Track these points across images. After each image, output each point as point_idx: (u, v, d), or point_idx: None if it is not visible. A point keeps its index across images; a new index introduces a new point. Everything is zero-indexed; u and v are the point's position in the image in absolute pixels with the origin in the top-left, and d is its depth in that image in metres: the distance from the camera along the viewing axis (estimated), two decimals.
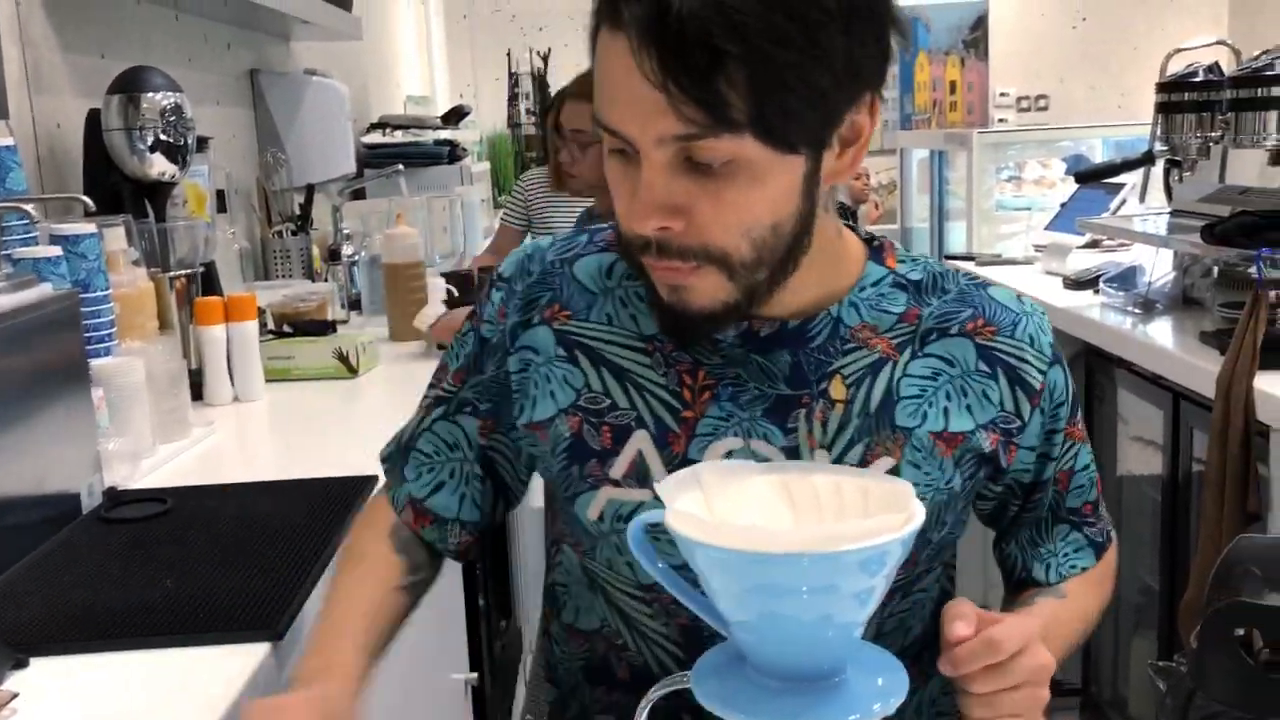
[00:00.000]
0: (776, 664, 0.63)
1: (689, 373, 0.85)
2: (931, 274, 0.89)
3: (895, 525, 0.60)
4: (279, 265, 2.88)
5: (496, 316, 0.93)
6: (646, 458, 0.84)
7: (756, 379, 0.84)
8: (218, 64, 2.74)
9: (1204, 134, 2.19)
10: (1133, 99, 5.74)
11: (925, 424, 0.84)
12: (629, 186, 0.77)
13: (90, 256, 1.55)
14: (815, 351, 0.85)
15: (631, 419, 0.85)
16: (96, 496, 1.36)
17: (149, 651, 0.99)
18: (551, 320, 0.90)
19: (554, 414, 0.88)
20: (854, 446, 0.83)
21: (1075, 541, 0.98)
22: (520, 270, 0.93)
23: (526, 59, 5.17)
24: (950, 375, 0.86)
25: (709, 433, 0.84)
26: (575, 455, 0.87)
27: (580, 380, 0.87)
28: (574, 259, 0.92)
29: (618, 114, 0.75)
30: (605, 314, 0.89)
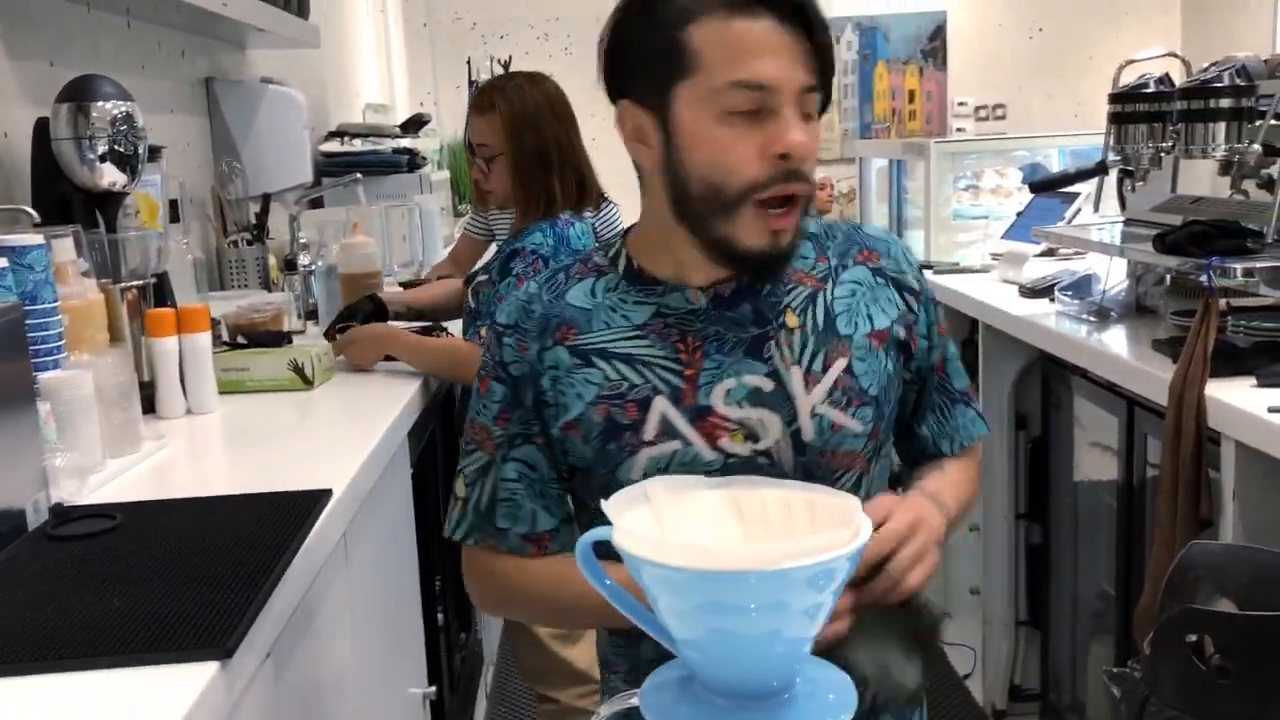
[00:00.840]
0: (725, 682, 0.62)
1: (680, 341, 1.09)
2: (821, 226, 1.18)
3: (842, 541, 0.60)
4: (235, 275, 2.85)
5: (519, 355, 1.12)
6: (669, 416, 1.07)
7: (731, 329, 1.09)
8: (172, 71, 2.71)
9: (1155, 144, 2.22)
10: (1088, 108, 5.81)
11: (859, 329, 1.13)
12: (757, 138, 1.01)
13: (38, 268, 1.52)
14: (767, 297, 1.11)
15: (649, 390, 1.08)
16: (43, 513, 1.33)
17: (95, 672, 0.97)
18: (563, 340, 1.11)
19: (583, 409, 1.09)
20: (816, 357, 1.10)
21: (970, 415, 1.24)
22: (524, 314, 1.13)
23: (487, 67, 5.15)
24: (860, 292, 1.15)
25: (710, 380, 1.08)
26: (610, 434, 1.08)
27: (599, 376, 1.09)
28: (563, 293, 1.14)
29: (767, 69, 1.00)
30: (603, 321, 1.11)
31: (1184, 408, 1.84)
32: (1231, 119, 2.01)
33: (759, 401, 1.07)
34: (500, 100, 2.24)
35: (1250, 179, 2.07)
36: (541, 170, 2.21)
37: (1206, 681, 1.42)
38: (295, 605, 1.23)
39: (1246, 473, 1.78)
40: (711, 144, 1.02)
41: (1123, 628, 2.35)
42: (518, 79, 2.32)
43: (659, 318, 1.10)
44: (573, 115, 2.29)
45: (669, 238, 1.09)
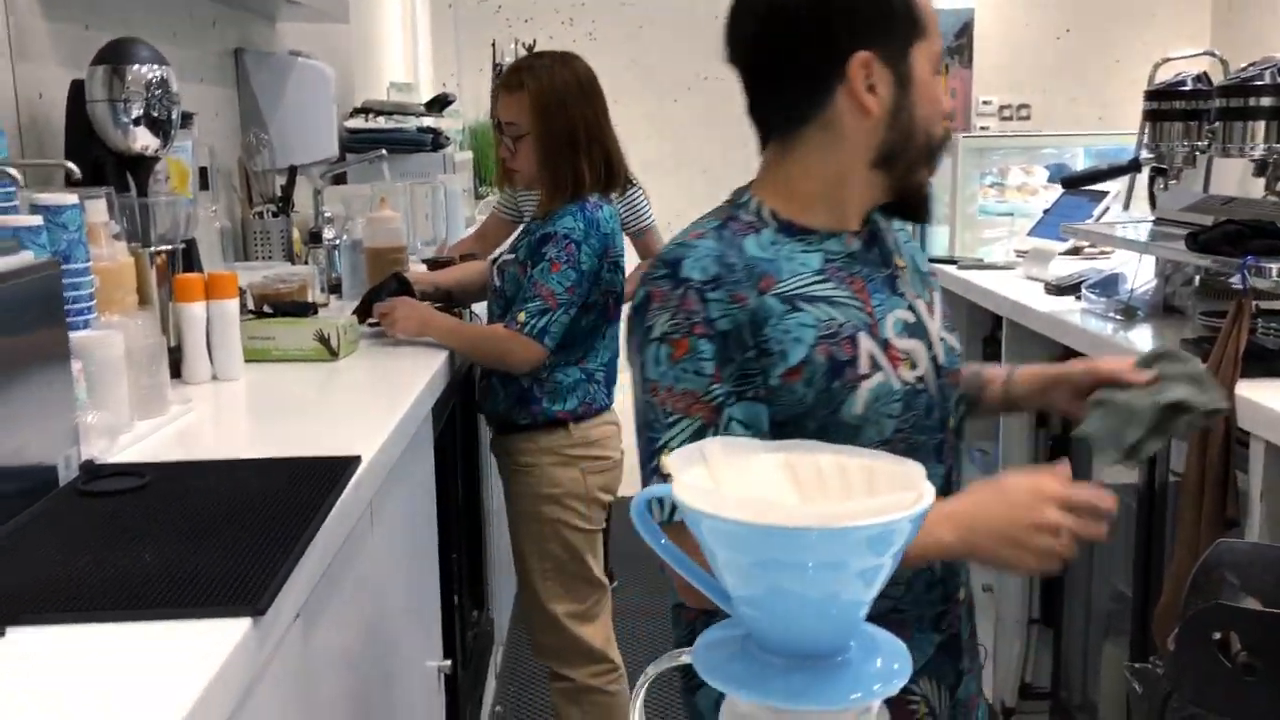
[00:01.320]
0: (780, 641, 0.62)
1: (852, 281, 1.17)
2: None
3: (905, 504, 0.59)
4: (259, 246, 2.85)
5: (733, 306, 1.11)
6: (872, 349, 1.14)
7: (875, 270, 1.20)
8: (202, 41, 2.71)
9: (1190, 142, 2.21)
10: (1113, 111, 5.77)
11: (925, 265, 1.28)
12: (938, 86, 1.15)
13: (71, 227, 1.52)
14: (881, 241, 1.22)
15: (852, 328, 1.14)
16: (74, 470, 1.33)
17: (128, 624, 0.97)
18: (767, 290, 1.13)
19: (806, 353, 1.12)
20: (924, 289, 1.24)
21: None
22: (724, 267, 1.13)
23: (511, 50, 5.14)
24: (905, 235, 1.29)
25: (881, 315, 1.17)
26: (833, 373, 1.12)
27: (810, 319, 1.13)
28: (740, 246, 1.16)
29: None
30: (789, 270, 1.15)
31: None
32: (1271, 118, 2.00)
33: (912, 332, 1.18)
34: (529, 79, 2.23)
35: None
36: (569, 151, 2.19)
37: (1231, 678, 1.42)
38: (324, 569, 1.23)
39: (1275, 474, 1.77)
40: (934, 98, 1.15)
41: (1138, 628, 2.34)
42: (547, 58, 2.31)
43: (829, 262, 1.17)
44: (602, 96, 2.28)
45: (839, 188, 1.17)
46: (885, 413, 1.14)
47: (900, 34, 1.13)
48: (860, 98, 1.13)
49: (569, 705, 2.36)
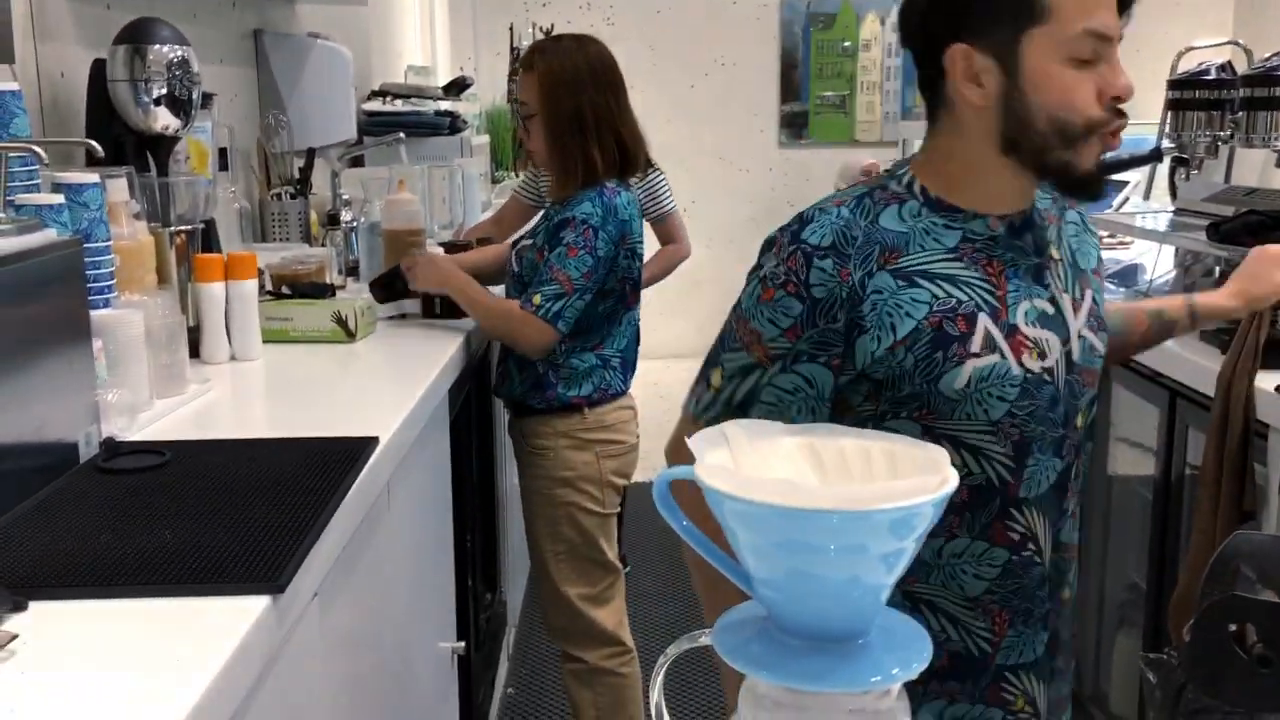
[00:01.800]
0: (801, 623, 0.62)
1: (987, 264, 1.17)
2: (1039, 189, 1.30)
3: (930, 487, 0.59)
4: (277, 228, 2.85)
5: (838, 278, 1.14)
6: (991, 331, 1.15)
7: (1022, 256, 1.19)
8: (222, 22, 2.71)
9: (1213, 132, 2.19)
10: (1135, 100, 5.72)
11: (1089, 264, 1.29)
12: (1093, 82, 1.12)
13: (93, 206, 1.53)
14: (1040, 231, 1.21)
15: (973, 307, 1.15)
16: (94, 446, 1.34)
17: (148, 600, 0.98)
18: (886, 265, 1.15)
19: (914, 325, 1.14)
20: (1074, 286, 1.23)
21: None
22: (843, 238, 1.16)
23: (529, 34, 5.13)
24: (1079, 232, 1.30)
25: (1014, 301, 1.17)
26: (938, 344, 1.14)
27: (927, 295, 1.15)
28: (876, 218, 1.18)
29: (1108, 18, 1.11)
30: (920, 245, 1.17)
31: (1232, 399, 1.82)
32: None
33: (1046, 323, 1.18)
34: (540, 60, 2.23)
35: None
36: (577, 135, 2.18)
37: (1247, 670, 1.41)
38: (341, 548, 1.24)
39: None
40: (1061, 85, 1.12)
41: (1152, 619, 2.33)
42: (564, 40, 2.30)
43: (967, 242, 1.18)
44: (618, 81, 2.26)
45: (978, 172, 1.18)
46: (996, 394, 1.16)
47: (1008, 23, 1.13)
48: (962, 89, 1.14)
49: (580, 686, 2.38)
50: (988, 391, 1.16)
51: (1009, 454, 1.19)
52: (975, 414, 1.18)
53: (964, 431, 1.19)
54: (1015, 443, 1.19)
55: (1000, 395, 1.17)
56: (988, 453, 1.19)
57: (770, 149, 6.02)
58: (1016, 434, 1.18)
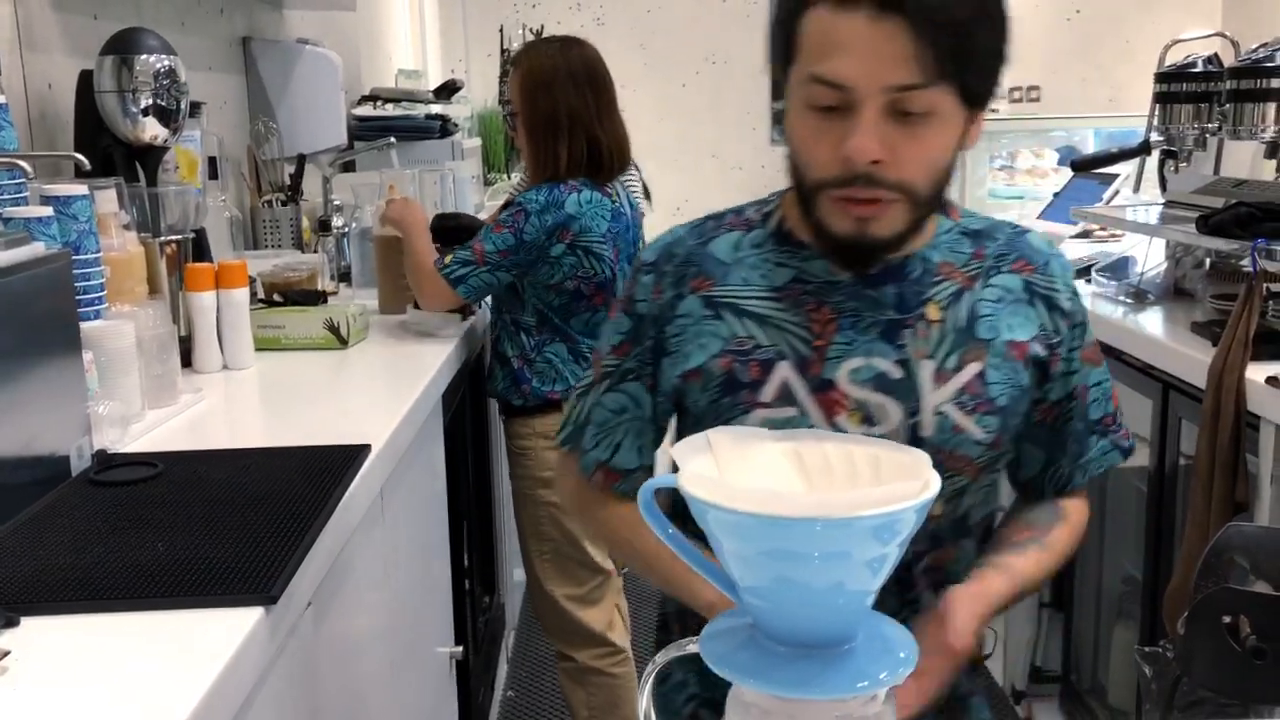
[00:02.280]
0: (786, 630, 0.62)
1: (814, 311, 1.07)
2: (986, 224, 1.15)
3: (911, 493, 0.59)
4: (268, 235, 2.85)
5: (652, 294, 1.12)
6: (790, 382, 1.06)
7: (870, 309, 1.07)
8: (210, 29, 2.71)
9: (1201, 125, 2.19)
10: (1123, 93, 5.74)
11: (1000, 336, 1.09)
12: (833, 136, 0.97)
13: (81, 218, 1.53)
14: (913, 284, 1.08)
15: (774, 353, 1.06)
16: (86, 459, 1.34)
17: (141, 613, 0.98)
18: (698, 290, 1.10)
19: (705, 360, 1.08)
20: (951, 355, 1.07)
21: (1103, 447, 1.19)
22: (666, 255, 1.13)
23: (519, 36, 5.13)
24: (1008, 300, 1.10)
25: (838, 356, 1.05)
26: (728, 388, 1.07)
27: (727, 331, 1.08)
28: (708, 242, 1.13)
29: (846, 69, 0.95)
30: (740, 277, 1.10)
31: (1223, 391, 1.83)
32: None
33: (883, 387, 1.05)
34: (523, 59, 2.29)
35: None
36: (550, 134, 2.22)
37: (1241, 662, 1.42)
38: (335, 557, 1.24)
39: None
40: (796, 133, 1.03)
41: (1148, 612, 2.34)
42: (550, 42, 2.33)
43: (798, 283, 1.09)
44: (601, 83, 2.26)
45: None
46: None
47: (782, 51, 1.03)
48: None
49: (574, 685, 2.39)
50: None
51: None
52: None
53: None
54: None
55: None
56: None
57: (762, 147, 6.01)
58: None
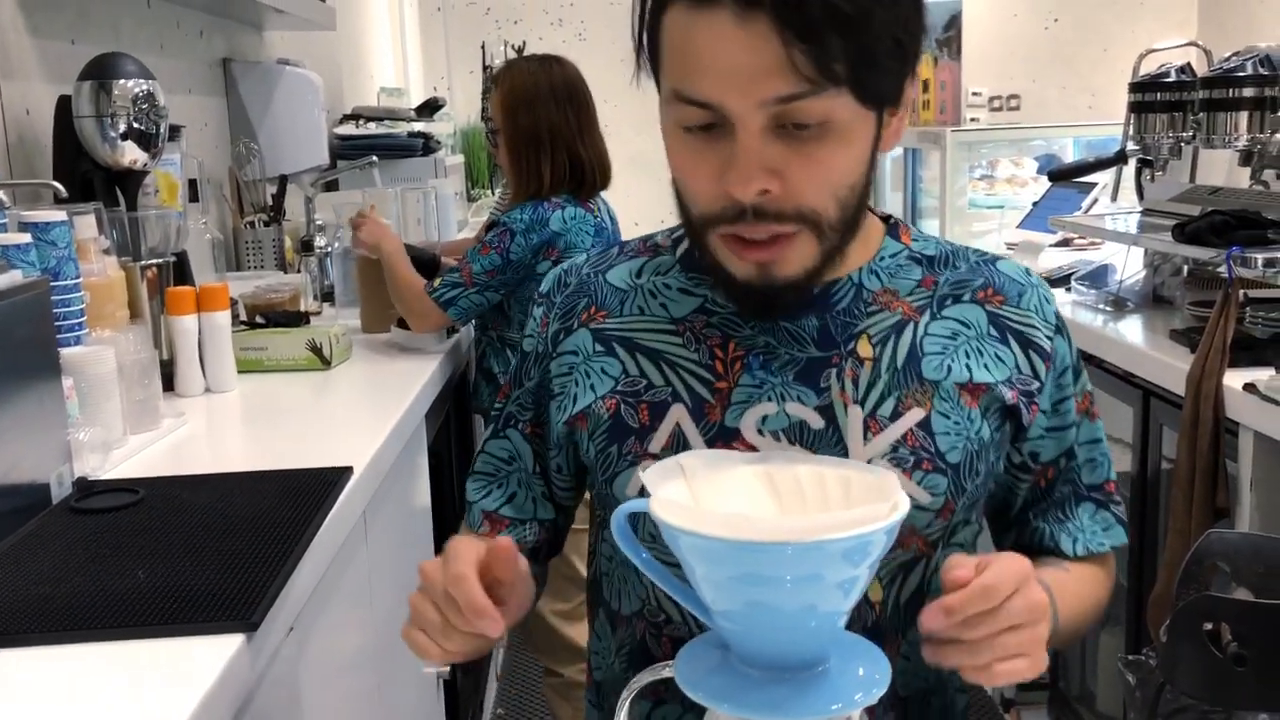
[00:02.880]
0: (760, 653, 0.63)
1: (720, 346, 0.91)
2: (944, 251, 0.96)
3: (880, 515, 0.60)
4: (251, 256, 2.85)
5: (539, 329, 1.00)
6: (684, 430, 0.90)
7: (787, 345, 0.90)
8: (190, 52, 2.71)
9: (1176, 134, 2.22)
10: (1102, 99, 5.78)
11: (950, 376, 0.90)
12: (712, 162, 0.81)
13: (60, 244, 1.53)
14: (841, 314, 0.91)
15: (667, 395, 0.91)
16: (66, 486, 1.34)
17: (121, 643, 0.98)
18: (589, 322, 0.96)
19: (592, 402, 0.94)
20: (885, 400, 0.89)
21: (1104, 520, 0.99)
22: (558, 284, 1.01)
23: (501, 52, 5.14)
24: (967, 336, 0.92)
25: (744, 400, 0.89)
26: (614, 435, 0.92)
27: (617, 369, 0.93)
28: (607, 269, 1.00)
29: (712, 84, 0.78)
30: (637, 306, 0.95)
31: (1202, 398, 1.84)
32: (1254, 108, 2.01)
33: (800, 438, 0.87)
34: (505, 77, 2.31)
35: (1271, 169, 2.07)
36: (532, 151, 2.24)
37: (1223, 669, 1.43)
38: (317, 581, 1.24)
39: (1264, 463, 1.78)
40: (672, 159, 0.86)
41: (1134, 618, 2.35)
42: (532, 59, 2.35)
43: (701, 314, 0.93)
44: (582, 100, 2.29)
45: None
46: None
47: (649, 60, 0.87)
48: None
49: (561, 701, 2.39)
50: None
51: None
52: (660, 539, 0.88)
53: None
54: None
55: None
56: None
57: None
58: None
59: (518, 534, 1.04)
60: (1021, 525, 1.00)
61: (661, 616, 0.94)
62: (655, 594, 0.94)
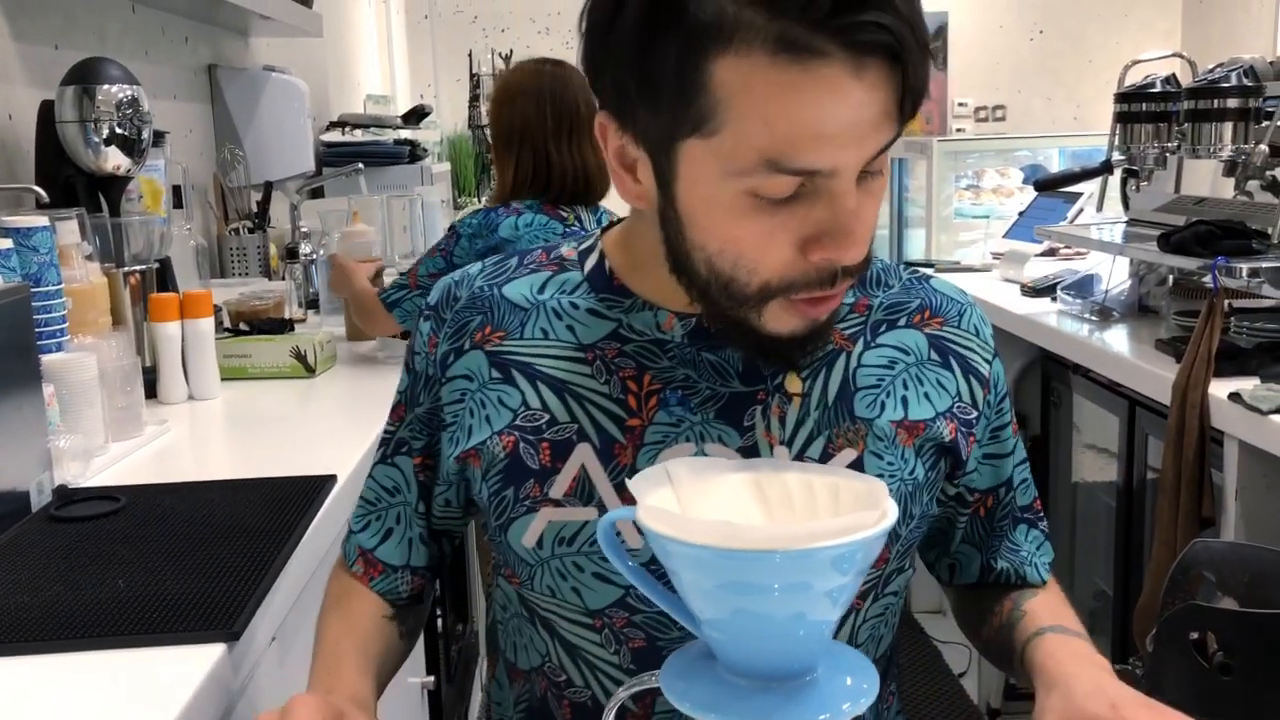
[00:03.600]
0: (747, 663, 0.62)
1: (634, 379, 0.81)
2: (874, 269, 0.88)
3: (869, 523, 0.59)
4: (235, 263, 2.84)
5: (427, 347, 0.89)
6: (590, 473, 0.81)
7: (708, 378, 0.81)
8: (175, 57, 2.70)
9: (1161, 144, 2.23)
10: (1088, 110, 5.82)
11: (885, 413, 0.83)
12: (794, 230, 0.71)
13: (42, 250, 1.51)
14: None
15: (573, 432, 0.81)
16: (46, 494, 1.33)
17: (101, 652, 0.97)
18: (484, 344, 0.86)
19: (486, 437, 0.84)
20: (814, 440, 0.81)
21: (1036, 539, 0.96)
22: (448, 297, 0.90)
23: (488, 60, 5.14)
24: (906, 364, 0.85)
25: (658, 440, 0.80)
26: (510, 476, 0.83)
27: (516, 399, 0.83)
28: (505, 282, 0.89)
29: (825, 150, 0.68)
30: (540, 329, 0.85)
31: (1187, 407, 1.85)
32: (1238, 119, 2.02)
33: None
34: (501, 75, 2.31)
35: (1255, 180, 2.07)
36: (502, 149, 2.20)
37: (1209, 678, 1.43)
38: (300, 590, 1.23)
39: (1249, 472, 1.78)
40: (729, 234, 0.72)
41: (1120, 627, 2.35)
42: (536, 60, 2.29)
43: (614, 341, 0.83)
44: (567, 104, 2.21)
45: (660, 259, 0.79)
46: (594, 570, 0.81)
47: (665, 111, 0.71)
48: (613, 170, 0.78)
49: None
50: (575, 563, 0.81)
51: (628, 668, 0.82)
52: (561, 592, 0.83)
53: (555, 616, 0.84)
54: (637, 652, 0.82)
55: (602, 573, 0.81)
56: (591, 659, 0.84)
57: None
58: (639, 637, 0.82)
59: (389, 584, 0.97)
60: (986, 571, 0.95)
61: (562, 677, 0.86)
62: (555, 651, 0.86)
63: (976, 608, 0.95)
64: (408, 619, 1.03)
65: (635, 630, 0.81)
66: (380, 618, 0.98)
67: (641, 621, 0.82)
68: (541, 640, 0.87)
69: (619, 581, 0.81)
